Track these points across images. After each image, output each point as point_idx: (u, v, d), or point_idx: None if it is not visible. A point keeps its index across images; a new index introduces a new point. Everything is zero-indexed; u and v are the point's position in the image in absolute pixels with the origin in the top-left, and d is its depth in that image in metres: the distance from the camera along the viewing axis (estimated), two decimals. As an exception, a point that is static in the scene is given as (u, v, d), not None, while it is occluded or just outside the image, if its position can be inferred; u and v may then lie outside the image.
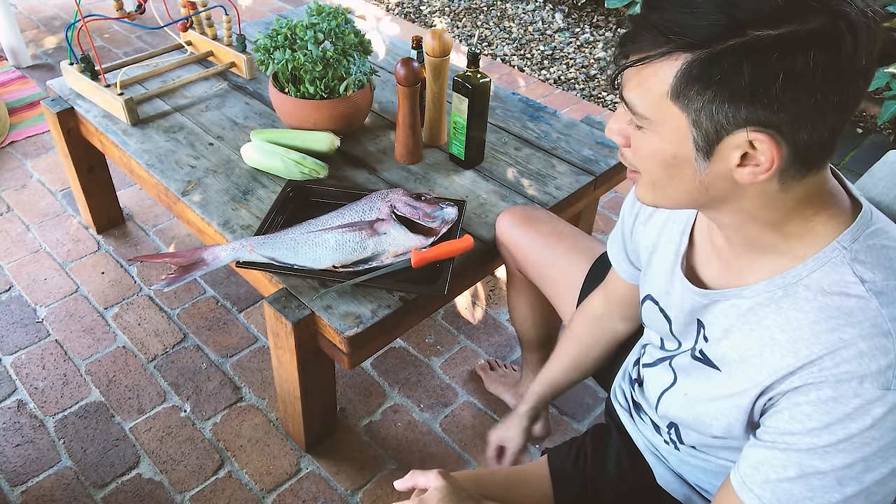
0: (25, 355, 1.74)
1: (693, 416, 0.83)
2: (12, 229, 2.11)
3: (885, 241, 0.67)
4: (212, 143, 1.65)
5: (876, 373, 0.62)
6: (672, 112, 0.63)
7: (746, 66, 0.57)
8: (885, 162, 1.48)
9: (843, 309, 0.65)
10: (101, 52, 3.01)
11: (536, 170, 1.59)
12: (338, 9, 1.55)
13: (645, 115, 0.65)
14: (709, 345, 0.79)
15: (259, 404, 1.64)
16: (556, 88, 2.99)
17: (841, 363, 0.63)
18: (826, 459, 0.65)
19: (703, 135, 0.62)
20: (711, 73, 0.58)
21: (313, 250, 1.27)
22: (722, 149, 0.62)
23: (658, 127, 0.65)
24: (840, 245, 0.67)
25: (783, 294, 0.69)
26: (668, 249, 0.86)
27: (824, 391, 0.64)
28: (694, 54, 0.59)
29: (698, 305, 0.80)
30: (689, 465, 0.92)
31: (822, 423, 0.64)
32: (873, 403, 0.62)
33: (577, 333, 1.15)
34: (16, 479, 1.48)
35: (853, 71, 0.58)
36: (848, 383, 0.63)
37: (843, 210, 0.68)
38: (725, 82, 0.58)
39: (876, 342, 0.62)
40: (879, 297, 0.64)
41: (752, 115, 0.59)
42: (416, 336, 1.83)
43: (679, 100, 0.61)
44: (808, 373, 0.65)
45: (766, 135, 0.60)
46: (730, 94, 0.59)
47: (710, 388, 0.79)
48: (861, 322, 0.63)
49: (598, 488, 1.02)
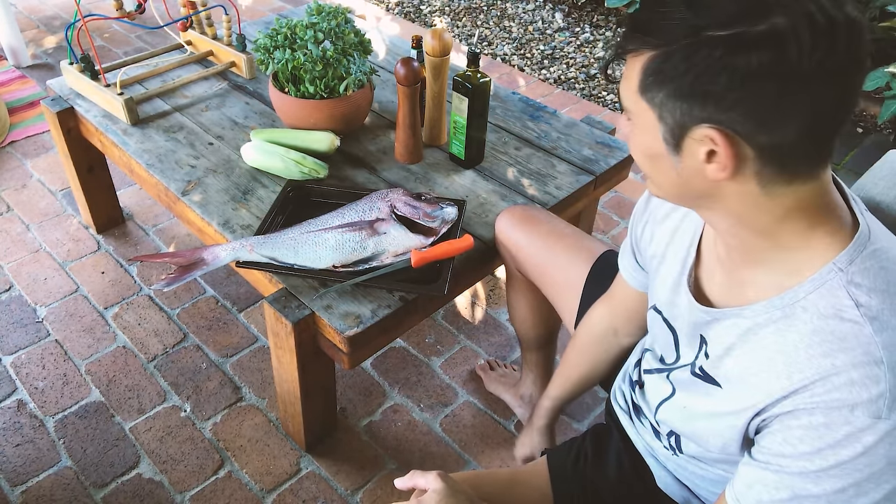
0: (25, 355, 1.74)
1: (692, 430, 0.83)
2: (12, 229, 2.11)
3: (884, 262, 0.66)
4: (212, 143, 1.65)
5: (867, 402, 0.61)
6: (642, 106, 0.65)
7: (692, 63, 0.59)
8: (885, 162, 1.48)
9: (837, 334, 0.64)
10: (101, 52, 3.01)
11: (536, 169, 1.59)
12: (338, 8, 1.55)
13: (627, 107, 0.68)
14: (709, 362, 0.79)
15: (259, 404, 1.64)
16: (556, 88, 2.99)
17: (832, 390, 0.63)
18: (818, 483, 0.65)
19: (669, 129, 0.64)
20: (665, 70, 0.61)
21: (313, 250, 1.27)
22: (688, 144, 0.64)
23: (637, 119, 0.67)
24: (836, 267, 0.66)
25: (781, 315, 0.69)
26: (675, 261, 0.85)
27: (816, 417, 0.64)
28: (655, 52, 0.61)
29: (701, 321, 0.79)
30: (688, 472, 0.92)
31: (814, 448, 0.64)
32: (864, 432, 0.62)
33: (583, 348, 1.16)
34: (16, 479, 1.48)
35: (812, 73, 0.56)
36: (839, 411, 0.63)
37: (842, 226, 0.67)
38: (676, 79, 0.60)
39: (868, 371, 0.62)
40: (873, 324, 0.63)
41: (704, 113, 0.60)
42: (416, 336, 1.83)
43: (644, 95, 0.64)
44: (800, 398, 0.65)
45: (719, 132, 0.61)
46: (682, 91, 0.61)
47: (709, 404, 0.79)
48: (854, 349, 0.63)
49: (597, 489, 1.02)
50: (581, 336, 1.16)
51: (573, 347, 1.17)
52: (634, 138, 0.70)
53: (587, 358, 1.16)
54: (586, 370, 1.17)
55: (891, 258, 0.67)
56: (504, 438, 1.60)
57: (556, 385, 1.21)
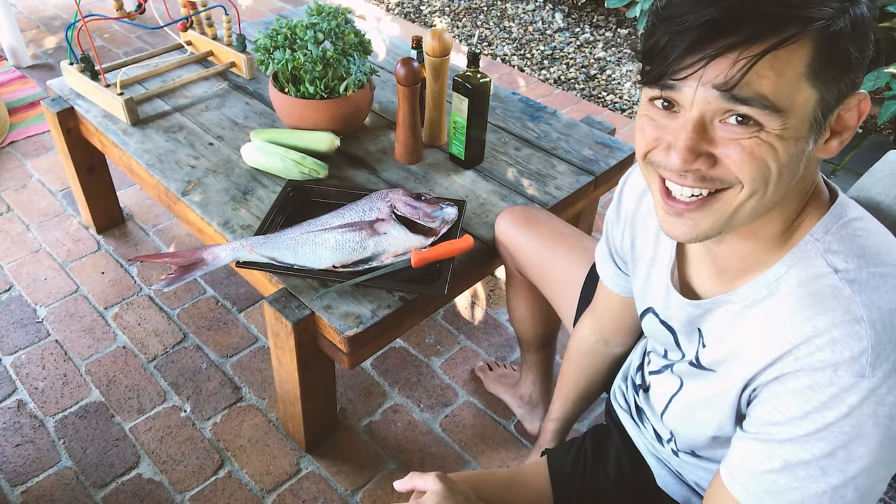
0: (25, 355, 1.74)
1: (692, 422, 0.83)
2: (12, 229, 2.11)
3: (858, 230, 0.68)
4: (212, 143, 1.65)
5: (850, 360, 0.62)
6: (805, 94, 0.59)
7: (855, 31, 0.59)
8: (885, 162, 1.48)
9: (817, 298, 0.65)
10: (101, 52, 3.01)
11: (536, 170, 1.59)
12: (338, 9, 1.55)
13: (778, 105, 0.59)
14: (705, 350, 0.79)
15: (259, 404, 1.64)
16: (556, 88, 2.99)
17: (815, 351, 0.64)
18: (807, 449, 0.65)
19: (823, 108, 0.61)
20: (838, 45, 0.59)
21: (313, 250, 1.27)
22: (834, 119, 0.63)
23: (793, 113, 0.60)
24: (813, 238, 0.68)
25: (767, 293, 0.70)
26: (663, 261, 0.86)
27: (801, 380, 0.64)
28: (828, 28, 0.58)
29: (694, 315, 0.80)
30: (688, 471, 0.92)
31: (801, 412, 0.64)
32: (848, 391, 0.62)
33: (576, 364, 1.16)
34: (16, 479, 1.48)
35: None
36: (823, 371, 0.63)
37: (823, 202, 0.70)
38: (846, 51, 0.59)
39: (849, 329, 0.62)
40: (852, 286, 0.64)
41: (857, 79, 0.61)
42: (416, 336, 1.83)
43: (813, 78, 0.59)
44: (785, 362, 0.66)
45: (863, 96, 0.63)
46: (850, 62, 0.60)
47: (707, 389, 0.79)
48: (834, 310, 0.63)
49: (597, 490, 1.02)
50: (572, 352, 1.16)
51: (568, 364, 1.18)
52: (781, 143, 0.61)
53: (582, 372, 1.16)
54: (584, 385, 1.17)
55: (864, 227, 0.68)
56: (504, 438, 1.60)
57: (557, 406, 1.21)
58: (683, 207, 0.66)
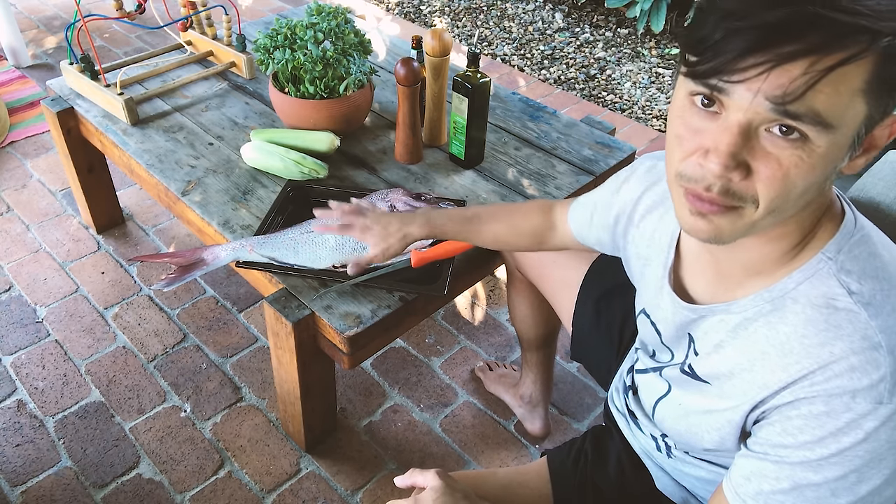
0: (25, 355, 1.74)
1: (686, 426, 0.83)
2: (12, 229, 2.11)
3: (872, 249, 0.66)
4: (212, 143, 1.65)
5: (868, 387, 0.61)
6: (857, 109, 0.56)
7: None
8: (885, 162, 1.48)
9: (832, 322, 0.64)
10: (101, 52, 3.01)
11: (536, 170, 1.59)
12: (338, 9, 1.55)
13: (829, 122, 0.55)
14: (698, 359, 0.78)
15: (259, 404, 1.64)
16: (556, 88, 2.99)
17: (832, 378, 0.63)
18: (819, 472, 0.64)
19: (867, 123, 0.58)
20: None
21: (313, 250, 1.27)
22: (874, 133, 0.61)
23: (836, 133, 0.56)
24: (825, 256, 0.66)
25: (771, 308, 0.68)
26: (657, 262, 0.85)
27: (816, 406, 0.64)
28: (893, 45, 0.54)
29: (687, 320, 0.79)
30: (683, 472, 0.92)
31: (815, 437, 0.64)
32: (865, 417, 0.61)
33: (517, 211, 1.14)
34: (16, 479, 1.48)
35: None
36: (840, 398, 0.62)
37: (836, 214, 0.68)
38: None
39: (867, 356, 0.62)
40: (868, 309, 0.63)
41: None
42: (416, 336, 1.83)
43: (872, 93, 0.55)
44: (799, 388, 0.65)
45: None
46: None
47: (703, 401, 0.78)
48: (851, 335, 0.63)
49: (597, 490, 1.02)
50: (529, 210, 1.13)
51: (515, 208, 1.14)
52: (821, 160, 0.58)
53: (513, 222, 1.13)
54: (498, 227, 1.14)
55: (878, 244, 0.67)
56: (504, 438, 1.60)
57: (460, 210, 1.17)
58: (708, 209, 0.62)
